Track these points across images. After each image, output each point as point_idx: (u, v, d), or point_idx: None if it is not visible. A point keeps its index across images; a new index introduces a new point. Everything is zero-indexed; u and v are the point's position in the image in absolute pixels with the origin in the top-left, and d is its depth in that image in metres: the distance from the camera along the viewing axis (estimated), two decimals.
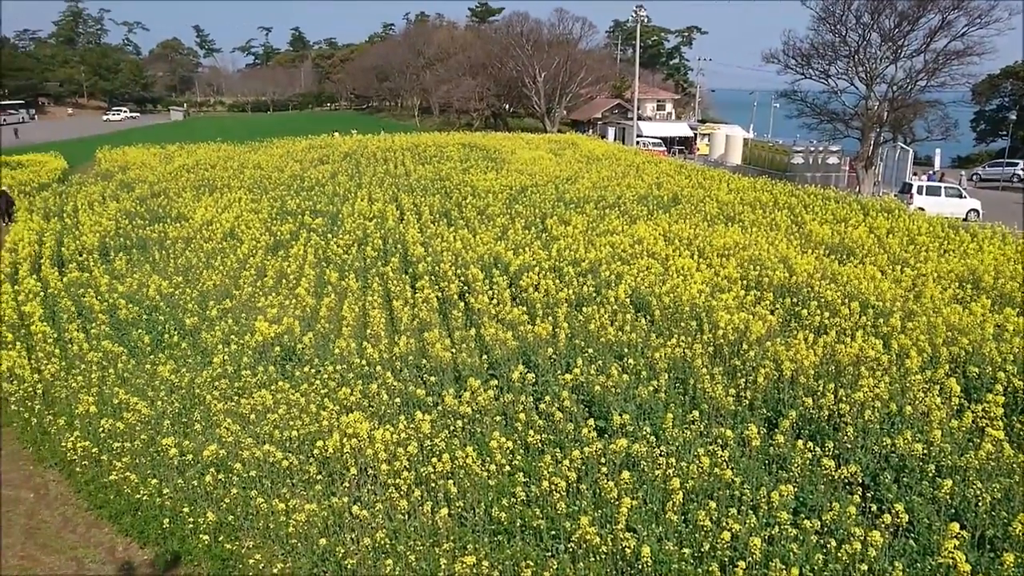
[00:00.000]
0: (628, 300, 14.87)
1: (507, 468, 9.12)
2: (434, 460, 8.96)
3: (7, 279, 18.05)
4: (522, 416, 10.10)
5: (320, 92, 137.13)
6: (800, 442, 8.99)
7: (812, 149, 42.95)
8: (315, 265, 19.08)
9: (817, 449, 8.97)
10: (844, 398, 10.19)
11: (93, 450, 10.22)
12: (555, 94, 76.78)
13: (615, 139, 67.11)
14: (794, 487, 8.33)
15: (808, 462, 8.81)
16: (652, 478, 8.80)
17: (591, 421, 9.84)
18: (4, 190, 31.22)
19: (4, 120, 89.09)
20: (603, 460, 9.02)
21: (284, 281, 17.80)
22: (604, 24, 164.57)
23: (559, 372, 11.90)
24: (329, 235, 22.10)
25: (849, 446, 9.45)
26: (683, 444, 9.60)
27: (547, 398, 10.70)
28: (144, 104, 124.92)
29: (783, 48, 43.12)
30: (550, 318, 13.85)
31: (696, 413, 9.97)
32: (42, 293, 16.87)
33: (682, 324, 13.53)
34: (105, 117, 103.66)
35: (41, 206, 28.23)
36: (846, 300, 14.40)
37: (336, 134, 59.48)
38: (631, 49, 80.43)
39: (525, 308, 14.63)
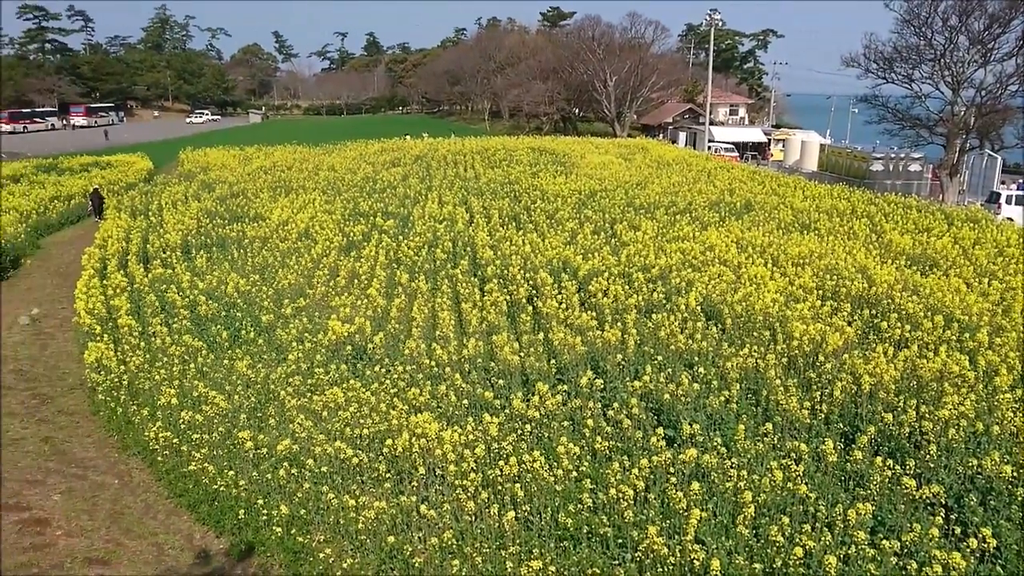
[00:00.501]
0: (699, 308, 14.65)
1: (574, 474, 9.09)
2: (501, 463, 8.99)
3: (96, 274, 18.88)
4: (590, 422, 10.05)
5: (392, 96, 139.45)
6: (879, 459, 8.67)
7: (893, 156, 41.55)
8: (386, 266, 19.39)
9: (897, 467, 8.65)
10: (927, 415, 9.81)
11: (174, 440, 10.60)
12: (625, 98, 76.30)
13: (686, 144, 66.27)
14: (872, 505, 8.06)
15: (887, 480, 8.50)
16: (723, 490, 8.63)
17: (660, 430, 9.72)
18: (97, 188, 32.78)
19: (95, 122, 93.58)
20: (672, 470, 8.89)
21: (356, 281, 18.14)
22: (677, 28, 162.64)
23: (628, 379, 11.79)
24: (400, 237, 22.43)
25: (932, 465, 9.09)
26: (755, 456, 9.39)
27: (615, 405, 10.63)
28: (225, 107, 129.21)
29: (864, 51, 41.94)
30: (619, 324, 13.74)
31: (769, 425, 9.74)
32: (128, 288, 17.60)
33: (755, 334, 13.26)
34: (188, 120, 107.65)
35: (128, 204, 29.47)
36: (929, 313, 13.86)
37: (407, 137, 60.39)
38: (704, 53, 79.40)
39: (594, 313, 14.55)
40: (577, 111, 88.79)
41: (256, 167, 40.86)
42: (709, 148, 58.59)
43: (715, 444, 9.36)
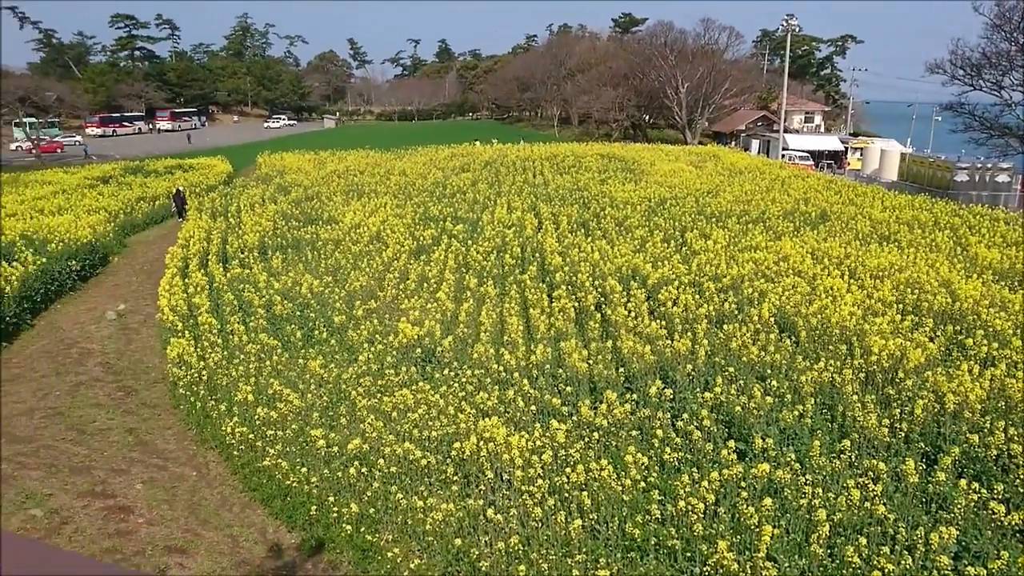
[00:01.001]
0: (772, 319, 14.33)
1: (642, 484, 9.00)
2: (568, 470, 8.96)
3: (178, 272, 19.60)
4: (659, 432, 9.92)
5: (463, 102, 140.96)
6: (963, 482, 8.32)
7: (979, 166, 39.84)
8: (455, 270, 19.57)
9: (983, 491, 8.28)
10: (1016, 438, 9.36)
11: (249, 436, 10.91)
12: (697, 105, 75.30)
13: (759, 152, 64.96)
14: (956, 530, 7.72)
15: (973, 504, 8.15)
16: (796, 507, 8.41)
17: (731, 443, 9.51)
18: (180, 190, 34.08)
19: (179, 127, 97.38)
20: (743, 484, 8.70)
21: (425, 285, 18.37)
22: (752, 33, 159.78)
23: (698, 390, 11.61)
24: (469, 241, 22.62)
25: (1022, 491, 8.67)
26: (831, 474, 9.12)
27: (685, 416, 10.47)
28: (301, 112, 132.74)
29: (950, 58, 40.44)
30: (689, 334, 13.56)
31: (846, 442, 9.44)
32: (208, 287, 18.21)
33: (831, 347, 12.90)
34: (266, 124, 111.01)
35: (209, 206, 30.52)
36: (1018, 331, 13.24)
37: (477, 143, 60.88)
38: (779, 59, 77.70)
39: (663, 322, 14.39)
40: (647, 118, 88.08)
41: (330, 171, 41.81)
42: (783, 156, 57.29)
43: (788, 459, 9.13)
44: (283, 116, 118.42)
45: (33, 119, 66.59)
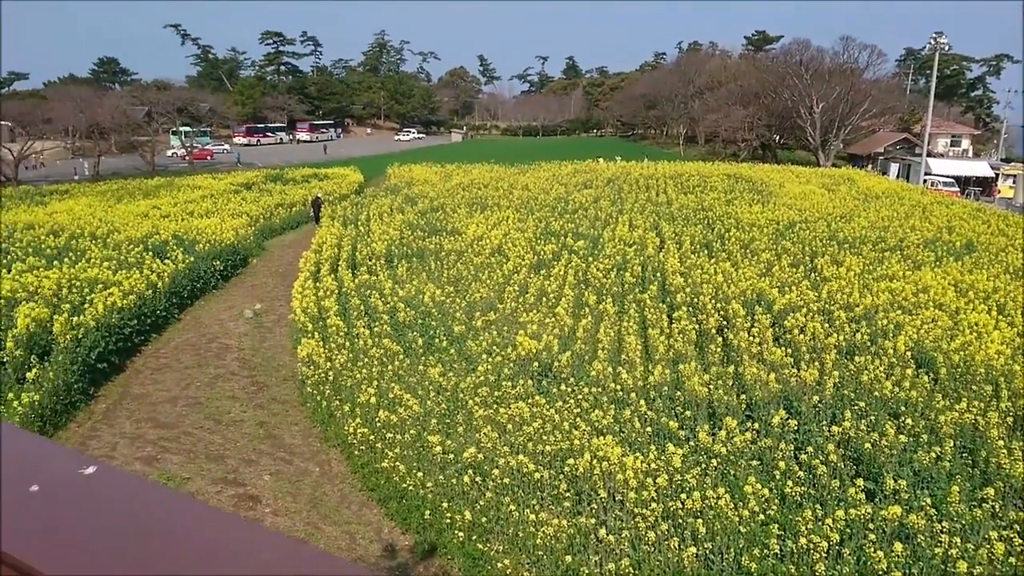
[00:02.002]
0: (908, 353, 13.54)
1: (761, 517, 8.68)
2: (683, 496, 8.77)
3: (311, 276, 20.58)
4: (781, 464, 9.56)
5: (588, 119, 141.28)
6: None
7: None
8: (574, 286, 19.58)
9: None
10: None
11: (370, 437, 11.29)
12: (832, 126, 72.29)
13: (898, 176, 61.60)
14: None
15: None
16: (930, 555, 7.88)
17: (859, 481, 9.06)
18: (318, 197, 35.87)
19: (317, 138, 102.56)
20: (871, 526, 8.25)
21: (544, 299, 18.47)
22: (895, 52, 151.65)
23: (824, 423, 11.11)
24: (590, 258, 22.59)
25: None
26: (971, 523, 8.50)
27: (809, 448, 10.03)
28: (429, 126, 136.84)
29: None
30: (816, 364, 13.00)
31: (989, 490, 8.78)
32: (337, 291, 19.02)
33: (974, 387, 12.04)
34: (396, 137, 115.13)
35: (341, 214, 31.91)
36: None
37: (600, 160, 60.81)
38: (925, 79, 73.55)
39: (789, 350, 13.87)
40: (777, 138, 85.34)
41: (455, 184, 42.84)
42: (925, 181, 54.11)
43: (923, 503, 8.58)
44: (413, 129, 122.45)
45: (188, 128, 71.90)
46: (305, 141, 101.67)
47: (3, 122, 64.95)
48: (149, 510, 0.74)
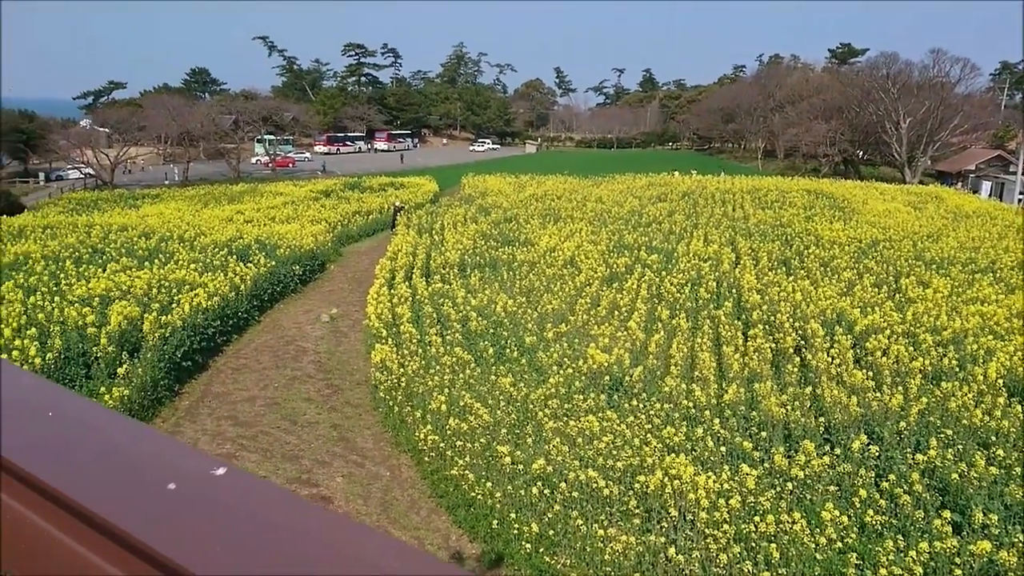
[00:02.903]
0: (1000, 381, 12.89)
1: (839, 544, 8.40)
2: (757, 518, 8.56)
3: (386, 283, 20.96)
4: (861, 492, 9.22)
5: (663, 131, 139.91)
6: None
7: None
8: (647, 300, 19.38)
9: None
10: None
11: (440, 444, 11.40)
12: (919, 142, 69.69)
13: (990, 195, 58.92)
14: None
15: None
16: None
17: (946, 513, 8.67)
18: (400, 205, 36.58)
19: (394, 147, 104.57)
20: (958, 560, 7.88)
21: (616, 313, 18.33)
22: (990, 66, 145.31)
23: (908, 450, 10.68)
24: (663, 272, 22.32)
25: None
26: None
27: (891, 476, 9.67)
28: (504, 137, 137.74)
29: None
30: (900, 388, 12.52)
31: None
32: (411, 298, 19.31)
33: None
34: (471, 148, 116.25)
35: (416, 222, 32.41)
36: None
37: (676, 173, 60.11)
38: (1021, 94, 70.17)
39: (870, 373, 13.39)
40: (860, 154, 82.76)
41: (529, 195, 42.99)
42: (1020, 201, 51.59)
43: (1015, 540, 8.14)
44: (487, 140, 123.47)
45: (272, 136, 74.26)
46: (382, 150, 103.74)
47: (102, 129, 68.42)
48: (277, 512, 0.77)
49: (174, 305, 16.67)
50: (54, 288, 17.54)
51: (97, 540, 0.75)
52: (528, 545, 9.07)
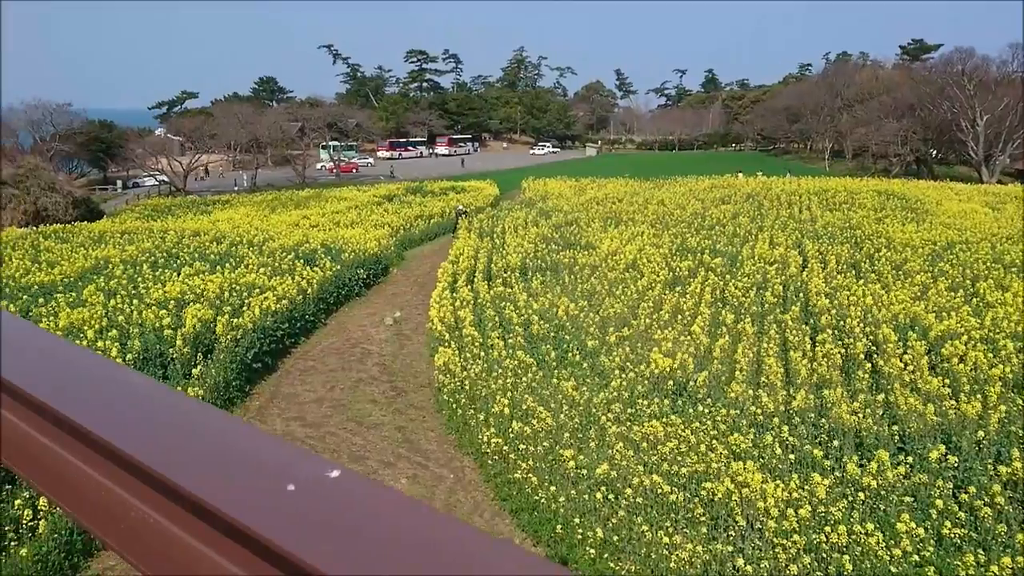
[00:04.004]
0: None
1: (915, 558, 8.13)
2: (828, 529, 8.35)
3: (448, 286, 21.16)
4: (938, 503, 8.91)
5: (726, 132, 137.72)
6: None
7: None
8: (711, 304, 19.09)
9: None
10: None
11: (503, 447, 11.45)
12: (998, 140, 66.95)
13: None
14: None
15: None
16: None
17: None
18: (461, 208, 36.95)
19: (454, 152, 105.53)
20: None
21: (680, 317, 18.12)
22: None
23: (988, 461, 10.26)
24: (727, 276, 21.96)
25: None
26: None
27: (971, 488, 9.31)
28: (564, 140, 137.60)
29: None
30: (979, 396, 12.04)
31: None
32: (473, 302, 19.44)
33: None
34: (531, 151, 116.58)
35: (477, 226, 32.63)
36: None
37: (739, 175, 59.09)
38: None
39: (947, 380, 12.92)
40: (934, 152, 79.93)
41: (589, 198, 42.87)
42: None
43: None
44: (547, 143, 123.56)
45: (336, 142, 75.85)
46: (443, 155, 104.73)
47: (175, 137, 70.90)
48: (396, 514, 0.79)
49: (245, 308, 17.16)
50: (132, 291, 18.27)
51: (222, 540, 0.79)
52: (592, 550, 9.03)
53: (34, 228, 31.08)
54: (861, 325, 16.19)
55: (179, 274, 20.20)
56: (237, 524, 0.78)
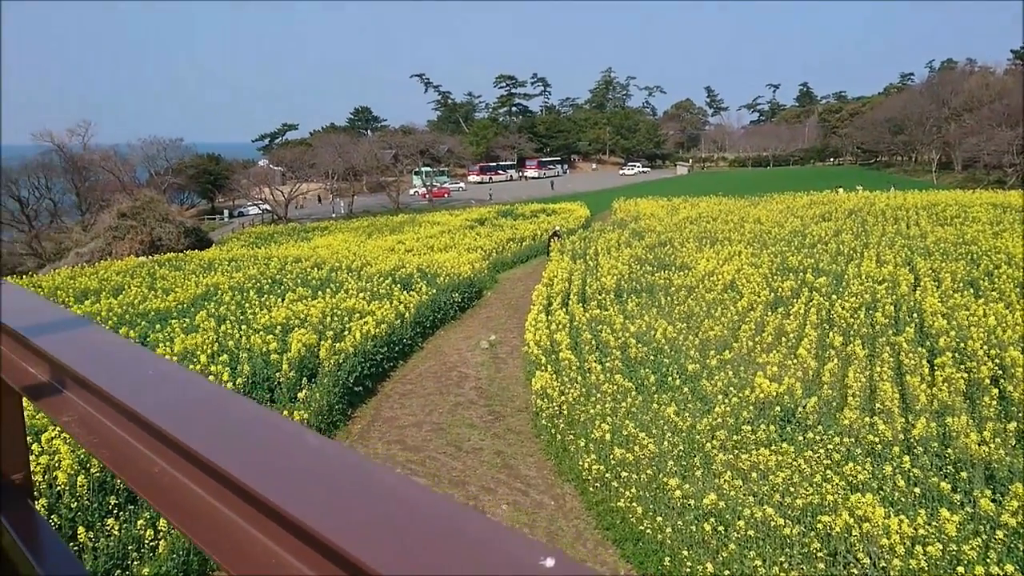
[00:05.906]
0: None
1: None
2: (961, 569, 7.76)
3: (543, 309, 21.09)
4: None
5: (823, 147, 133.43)
6: None
7: None
8: (817, 326, 18.33)
9: None
10: None
11: (605, 475, 11.22)
12: None
13: None
14: None
15: None
16: None
17: None
18: (557, 230, 37.06)
19: (544, 174, 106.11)
20: None
21: (784, 339, 17.45)
22: None
23: None
24: (833, 296, 21.06)
25: None
26: None
27: None
28: (654, 160, 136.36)
29: None
30: None
31: None
32: (569, 325, 19.29)
33: None
34: (621, 172, 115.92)
35: (570, 248, 32.53)
36: None
37: (840, 190, 57.02)
38: None
39: None
40: None
41: (682, 217, 42.15)
42: None
43: None
44: (637, 163, 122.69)
45: (428, 168, 77.48)
46: (533, 178, 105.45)
47: (277, 167, 74.00)
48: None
49: (346, 332, 17.54)
50: (240, 317, 18.99)
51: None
52: None
53: (150, 257, 32.91)
54: (985, 348, 15.18)
55: (283, 299, 20.88)
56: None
